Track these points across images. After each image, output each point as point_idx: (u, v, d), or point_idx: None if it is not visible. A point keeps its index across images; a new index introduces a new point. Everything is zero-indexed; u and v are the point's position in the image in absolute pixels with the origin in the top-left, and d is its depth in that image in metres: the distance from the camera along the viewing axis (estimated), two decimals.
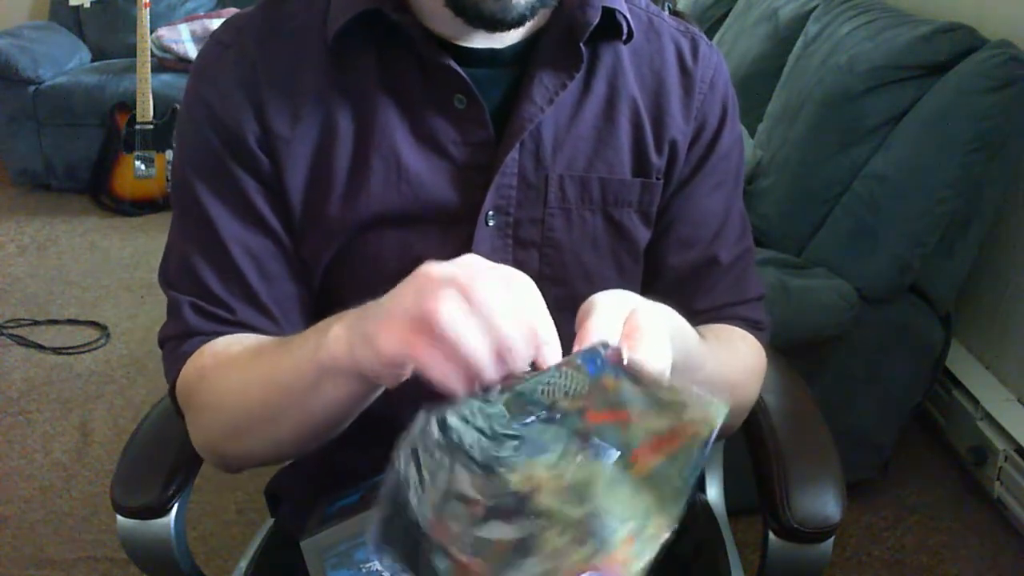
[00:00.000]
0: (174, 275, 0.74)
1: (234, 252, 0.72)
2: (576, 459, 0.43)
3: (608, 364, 0.46)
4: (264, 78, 0.71)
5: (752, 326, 0.82)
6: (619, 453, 0.43)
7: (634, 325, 0.52)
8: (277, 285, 0.74)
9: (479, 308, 0.47)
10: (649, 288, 0.81)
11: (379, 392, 0.59)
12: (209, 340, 0.72)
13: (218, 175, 0.72)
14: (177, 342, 0.73)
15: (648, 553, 0.41)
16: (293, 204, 0.73)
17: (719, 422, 0.44)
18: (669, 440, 0.44)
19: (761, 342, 0.82)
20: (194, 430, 0.72)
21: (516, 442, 0.43)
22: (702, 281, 0.80)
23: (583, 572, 0.40)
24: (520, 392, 0.45)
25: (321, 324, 0.59)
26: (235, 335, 0.72)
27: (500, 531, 0.41)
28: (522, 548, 0.41)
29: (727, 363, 0.74)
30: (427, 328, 0.47)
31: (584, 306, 0.53)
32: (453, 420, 0.44)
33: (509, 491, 0.42)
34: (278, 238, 0.73)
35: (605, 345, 0.47)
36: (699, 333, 0.67)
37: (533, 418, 0.44)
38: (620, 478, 0.43)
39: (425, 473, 0.43)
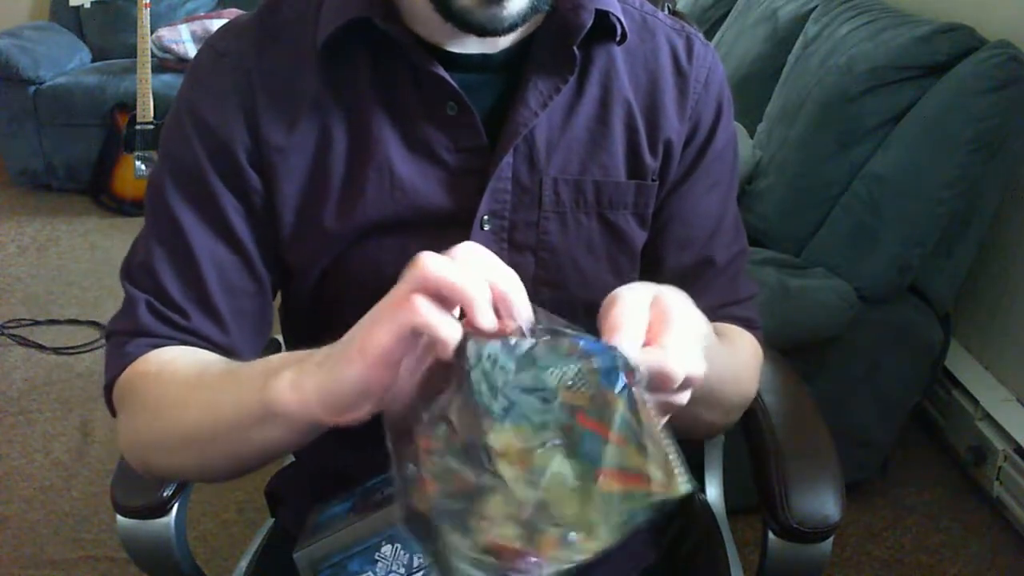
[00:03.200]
0: (135, 271, 0.74)
1: (200, 260, 0.71)
2: (548, 446, 0.44)
3: (620, 382, 0.46)
4: (259, 87, 0.71)
5: (747, 324, 0.82)
6: (589, 462, 0.44)
7: (662, 310, 0.52)
8: (237, 298, 0.73)
9: (461, 259, 0.48)
10: None
11: (318, 433, 0.57)
12: (157, 344, 0.71)
13: (197, 184, 0.72)
14: (125, 338, 0.72)
15: (564, 563, 0.42)
16: (284, 213, 0.72)
17: (675, 496, 0.45)
18: (632, 479, 0.45)
19: (758, 339, 0.82)
20: (123, 433, 0.71)
21: (507, 403, 0.44)
22: (697, 282, 0.79)
23: (504, 547, 0.42)
24: (535, 358, 0.46)
25: (273, 361, 0.57)
26: (183, 348, 0.71)
27: (463, 470, 0.43)
28: (469, 496, 0.43)
29: (731, 357, 0.74)
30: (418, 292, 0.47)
31: (607, 299, 0.52)
32: (471, 350, 0.45)
33: (482, 443, 0.43)
34: (247, 253, 0.73)
35: (626, 364, 0.47)
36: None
37: (532, 394, 0.45)
38: (577, 485, 0.44)
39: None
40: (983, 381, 1.78)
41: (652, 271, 0.80)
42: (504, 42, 0.72)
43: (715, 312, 0.79)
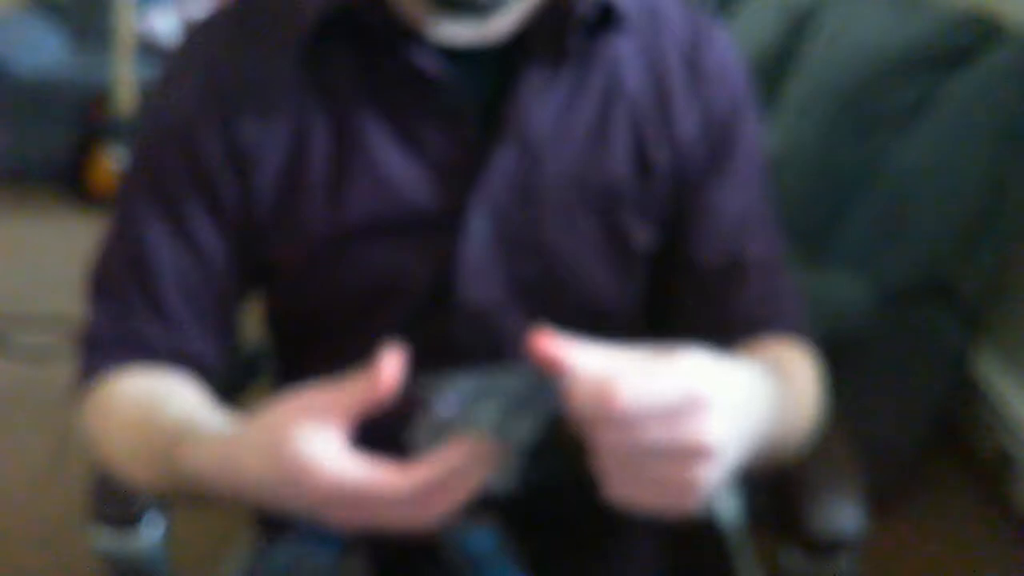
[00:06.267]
0: (96, 277, 0.75)
1: (161, 272, 0.72)
2: None
3: None
4: (232, 85, 0.70)
5: (796, 331, 0.77)
6: None
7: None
8: (197, 303, 0.73)
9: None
10: (680, 293, 0.78)
11: None
12: (111, 360, 0.71)
13: (163, 193, 0.71)
14: (86, 350, 0.74)
15: None
16: (262, 212, 0.71)
17: None
18: None
19: (809, 349, 0.77)
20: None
21: None
22: (732, 282, 0.76)
23: None
24: None
25: (204, 457, 0.59)
26: (124, 393, 0.71)
27: None
28: None
29: (795, 394, 0.70)
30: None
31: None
32: None
33: None
34: (212, 265, 0.72)
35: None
36: (765, 371, 0.64)
37: None
38: None
39: None
40: (1011, 387, 1.74)
41: (683, 273, 0.77)
42: (498, 32, 0.70)
43: (758, 315, 0.76)
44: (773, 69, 2.01)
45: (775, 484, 0.81)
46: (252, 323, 0.84)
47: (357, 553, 0.56)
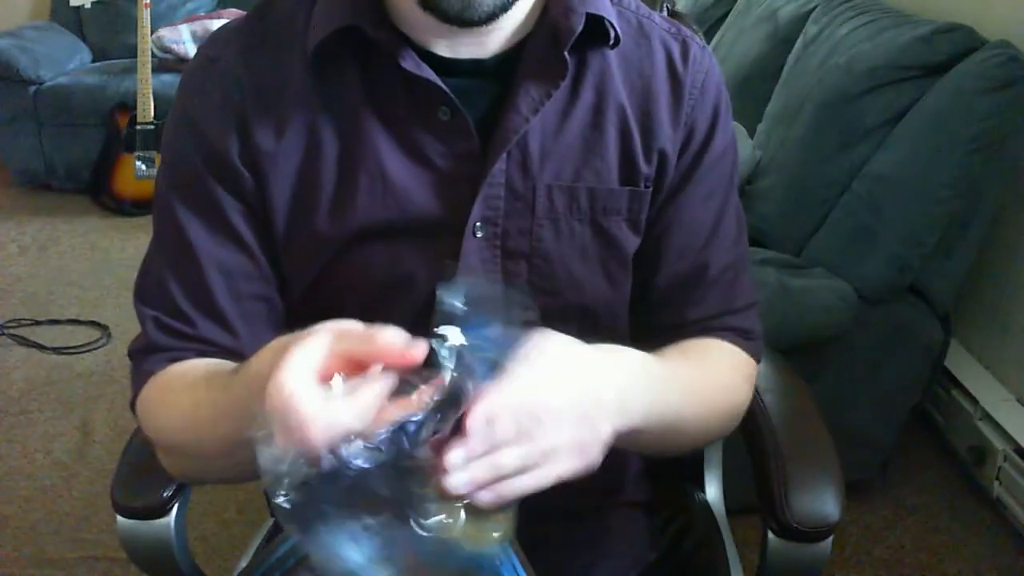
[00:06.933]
0: (146, 290, 0.76)
1: (205, 268, 0.73)
2: None
3: None
4: (248, 92, 0.71)
5: (741, 335, 0.80)
6: None
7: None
8: (246, 302, 0.74)
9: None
10: (641, 298, 0.81)
11: None
12: (173, 358, 0.73)
13: (196, 191, 0.72)
14: (141, 357, 0.75)
15: None
16: (277, 218, 0.73)
17: None
18: None
19: (751, 351, 0.81)
20: (156, 449, 0.75)
21: None
22: (692, 291, 0.79)
23: None
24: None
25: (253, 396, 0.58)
26: (187, 365, 0.73)
27: None
28: None
29: (697, 383, 0.73)
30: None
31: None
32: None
33: None
34: (253, 256, 0.74)
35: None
36: (667, 356, 0.70)
37: None
38: None
39: None
40: (983, 381, 1.77)
41: (647, 280, 0.80)
42: (496, 47, 0.72)
43: (710, 323, 0.79)
44: (759, 81, 2.02)
45: (759, 472, 0.84)
46: None
47: None
